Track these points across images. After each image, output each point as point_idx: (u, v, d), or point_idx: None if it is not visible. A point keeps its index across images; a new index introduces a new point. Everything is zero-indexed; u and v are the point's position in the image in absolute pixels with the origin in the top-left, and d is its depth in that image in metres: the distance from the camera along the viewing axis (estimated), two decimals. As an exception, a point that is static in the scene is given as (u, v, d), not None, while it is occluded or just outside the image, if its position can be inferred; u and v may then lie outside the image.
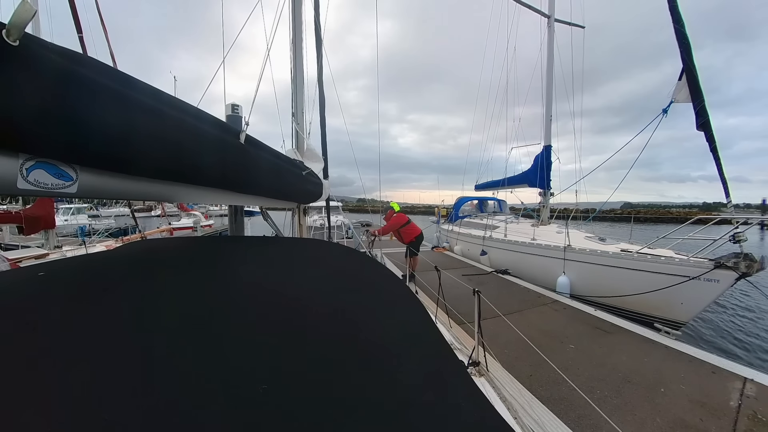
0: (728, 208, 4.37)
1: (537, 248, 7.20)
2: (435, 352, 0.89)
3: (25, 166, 0.79)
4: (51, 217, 6.84)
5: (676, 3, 4.69)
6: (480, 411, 0.68)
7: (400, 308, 1.11)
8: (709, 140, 4.40)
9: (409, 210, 14.70)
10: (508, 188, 11.60)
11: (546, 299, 5.70)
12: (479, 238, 9.40)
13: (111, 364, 0.59)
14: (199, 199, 1.50)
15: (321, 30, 3.42)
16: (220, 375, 0.61)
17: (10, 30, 0.65)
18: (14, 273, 1.01)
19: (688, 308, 4.71)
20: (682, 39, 4.64)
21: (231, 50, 2.64)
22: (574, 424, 2.44)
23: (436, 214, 16.69)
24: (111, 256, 1.26)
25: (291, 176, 2.07)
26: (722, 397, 2.83)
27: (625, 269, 5.39)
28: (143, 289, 0.91)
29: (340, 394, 0.63)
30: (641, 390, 2.94)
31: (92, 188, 0.98)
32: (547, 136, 9.98)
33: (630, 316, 5.09)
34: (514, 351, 3.53)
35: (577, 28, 10.61)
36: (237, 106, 1.97)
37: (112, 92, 0.89)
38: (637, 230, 7.79)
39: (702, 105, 4.51)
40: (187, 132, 1.17)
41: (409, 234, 6.45)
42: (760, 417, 2.57)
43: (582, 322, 4.65)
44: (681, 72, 4.77)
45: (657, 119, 5.28)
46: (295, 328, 0.84)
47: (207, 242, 1.77)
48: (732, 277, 4.17)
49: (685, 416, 2.59)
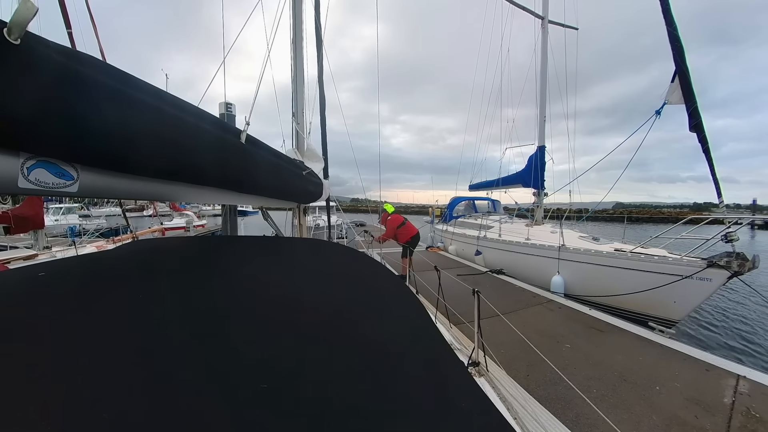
0: (720, 208, 4.45)
1: (531, 248, 7.25)
2: (435, 352, 0.89)
3: (26, 165, 0.77)
4: (40, 216, 6.70)
5: (668, 6, 4.76)
6: (481, 411, 0.69)
7: (400, 308, 1.11)
8: (701, 141, 4.48)
9: (403, 210, 14.74)
10: (503, 188, 11.67)
11: (541, 299, 5.74)
12: (474, 238, 9.45)
13: (111, 364, 0.59)
14: (199, 198, 1.48)
15: (321, 30, 3.41)
16: (221, 374, 0.61)
17: (11, 28, 0.63)
18: (14, 273, 0.99)
19: (680, 307, 4.79)
20: (675, 42, 4.71)
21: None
22: (572, 423, 2.46)
23: (430, 214, 16.72)
24: (112, 256, 1.24)
25: (291, 176, 2.05)
26: (716, 394, 2.88)
27: (619, 268, 5.46)
28: (145, 289, 0.90)
29: (340, 394, 0.63)
30: (637, 388, 2.98)
31: (93, 188, 0.97)
32: (541, 136, 10.06)
33: (624, 315, 5.15)
34: (510, 351, 3.54)
35: (570, 30, 10.72)
36: (230, 105, 1.95)
37: (113, 91, 0.88)
38: (629, 230, 7.90)
39: (694, 107, 4.58)
40: (188, 131, 1.16)
41: (405, 234, 6.47)
42: (754, 413, 2.62)
43: (577, 321, 4.69)
44: (674, 74, 4.84)
45: (650, 121, 5.35)
46: (295, 328, 0.84)
47: (208, 242, 1.75)
48: (724, 275, 4.25)
49: (680, 413, 2.63)
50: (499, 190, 12.07)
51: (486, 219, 10.28)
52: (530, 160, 10.18)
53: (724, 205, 4.42)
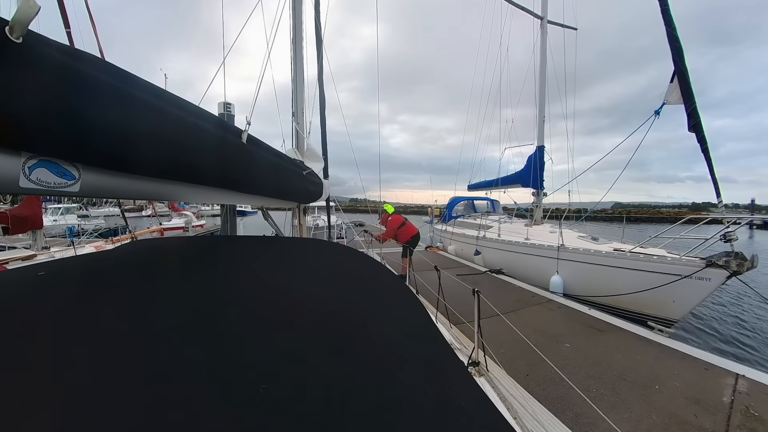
0: (719, 208, 4.46)
1: (531, 248, 7.26)
2: (436, 352, 0.90)
3: (27, 164, 0.77)
4: (39, 217, 6.68)
5: (668, 6, 4.77)
6: (481, 411, 0.69)
7: (400, 308, 1.11)
8: (700, 141, 4.49)
9: (402, 210, 14.79)
10: (502, 188, 11.68)
11: (540, 298, 5.75)
12: (473, 237, 9.46)
13: (112, 364, 0.59)
14: (201, 198, 1.48)
15: (321, 30, 3.40)
16: (221, 375, 0.61)
17: (13, 27, 0.63)
18: (14, 273, 0.99)
19: (680, 306, 4.80)
20: (674, 42, 4.72)
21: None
22: (572, 422, 2.46)
23: (430, 214, 16.71)
24: (112, 256, 1.24)
25: (292, 176, 2.05)
26: (715, 393, 2.89)
27: (618, 268, 5.47)
28: (145, 290, 0.90)
29: (341, 394, 0.63)
30: (636, 387, 2.98)
31: (95, 187, 0.96)
32: (540, 136, 10.07)
33: (623, 314, 5.16)
34: (510, 350, 3.55)
35: (569, 30, 10.73)
36: (230, 104, 1.94)
37: (115, 91, 0.88)
38: (628, 230, 7.92)
39: (693, 107, 4.59)
40: (190, 131, 1.16)
41: (405, 234, 6.47)
42: (753, 412, 2.63)
43: (576, 321, 4.70)
44: (673, 74, 4.85)
45: (649, 121, 5.36)
46: (296, 328, 0.84)
47: (208, 242, 1.75)
48: (723, 275, 4.26)
49: (680, 412, 2.63)
50: (498, 190, 12.09)
51: (485, 219, 10.28)
52: (529, 160, 10.20)
53: (723, 205, 4.43)
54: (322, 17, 3.42)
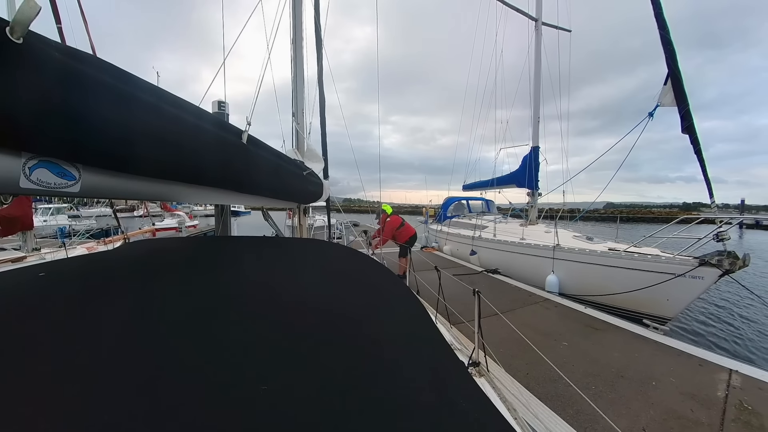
0: (712, 208, 4.53)
1: (526, 248, 7.30)
2: (436, 353, 0.90)
3: (27, 165, 0.76)
4: (29, 217, 6.53)
5: (661, 9, 4.83)
6: (482, 411, 0.69)
7: (400, 308, 1.11)
8: (693, 143, 4.55)
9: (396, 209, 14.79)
10: (497, 188, 11.74)
11: (537, 298, 5.80)
12: (469, 238, 9.49)
13: (112, 364, 0.59)
14: (201, 199, 1.46)
15: (321, 30, 3.39)
16: (221, 375, 0.61)
17: (14, 27, 0.62)
18: (14, 273, 0.97)
19: (673, 304, 4.86)
20: (667, 45, 4.78)
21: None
22: (572, 419, 2.48)
23: (424, 215, 16.75)
24: (110, 257, 1.22)
25: (292, 176, 2.04)
26: (710, 388, 2.94)
27: (613, 267, 5.52)
28: (146, 290, 0.90)
29: (341, 394, 0.63)
30: (634, 384, 3.02)
31: (95, 188, 0.95)
32: (535, 137, 10.14)
33: (618, 312, 5.22)
34: (509, 350, 3.56)
35: (563, 32, 10.82)
36: (224, 103, 1.93)
37: (116, 91, 0.87)
38: (621, 230, 8.00)
39: (686, 109, 4.65)
40: (190, 132, 1.15)
41: (404, 235, 6.48)
42: (746, 406, 2.68)
43: (573, 320, 4.75)
44: (666, 77, 4.90)
45: (643, 122, 5.42)
46: (296, 328, 0.84)
47: (207, 243, 1.73)
48: (716, 274, 4.32)
49: (676, 408, 2.68)
50: (492, 191, 12.15)
51: (480, 219, 10.32)
52: (524, 160, 10.26)
53: (716, 205, 4.50)
54: (322, 18, 3.41)
